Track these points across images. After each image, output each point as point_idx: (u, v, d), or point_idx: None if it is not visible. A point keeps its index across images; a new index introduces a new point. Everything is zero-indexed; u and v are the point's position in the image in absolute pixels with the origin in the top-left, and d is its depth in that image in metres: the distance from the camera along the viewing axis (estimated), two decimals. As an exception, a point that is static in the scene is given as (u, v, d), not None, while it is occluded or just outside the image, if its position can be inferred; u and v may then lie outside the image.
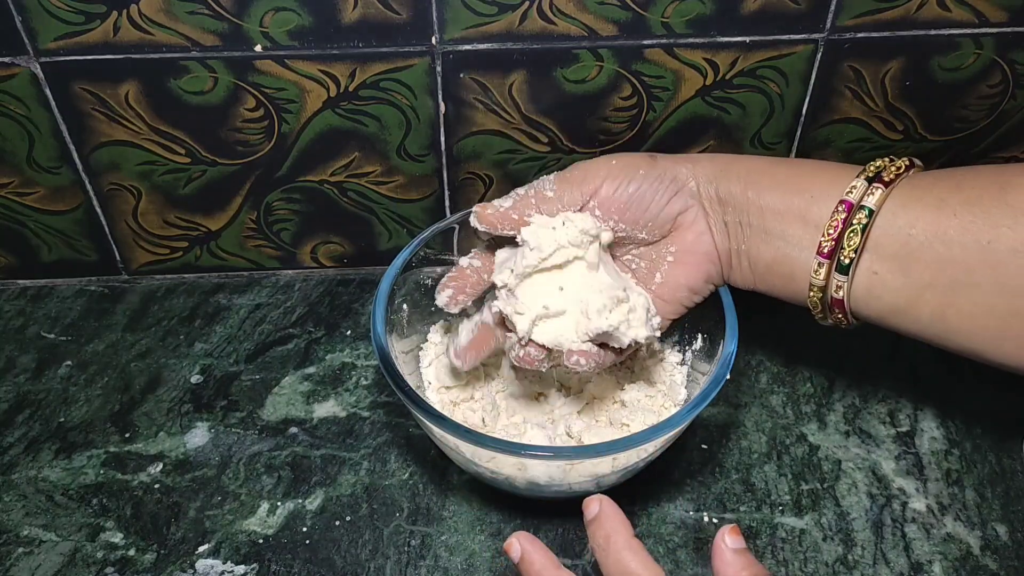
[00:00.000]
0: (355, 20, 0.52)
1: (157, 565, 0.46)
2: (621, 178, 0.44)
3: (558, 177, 0.45)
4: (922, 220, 0.39)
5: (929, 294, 0.40)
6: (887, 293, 0.41)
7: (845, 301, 0.42)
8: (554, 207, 0.44)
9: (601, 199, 0.44)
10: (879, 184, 0.40)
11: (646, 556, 0.36)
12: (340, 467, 0.51)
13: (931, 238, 0.39)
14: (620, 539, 0.37)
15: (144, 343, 0.59)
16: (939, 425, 0.53)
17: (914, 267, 0.40)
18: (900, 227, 0.40)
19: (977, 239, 0.38)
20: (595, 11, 0.52)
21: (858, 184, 0.41)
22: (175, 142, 0.57)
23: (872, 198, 0.40)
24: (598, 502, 0.38)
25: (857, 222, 0.40)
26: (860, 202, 0.40)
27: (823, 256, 0.41)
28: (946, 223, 0.39)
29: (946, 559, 0.46)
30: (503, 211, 0.45)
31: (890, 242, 0.40)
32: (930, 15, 0.53)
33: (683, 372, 0.53)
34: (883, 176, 0.41)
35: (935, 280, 0.39)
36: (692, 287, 0.46)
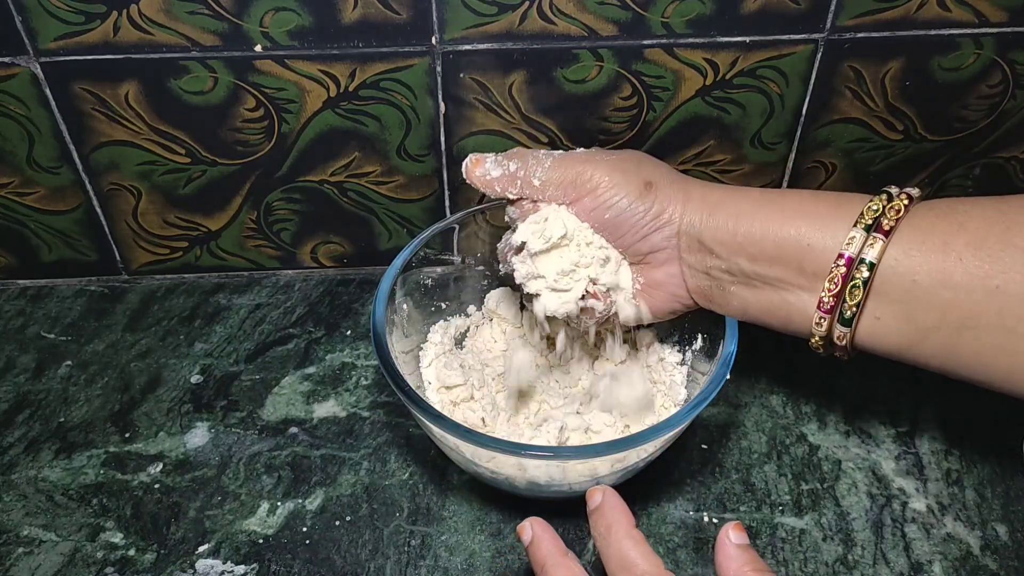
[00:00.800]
0: (355, 20, 0.52)
1: (157, 565, 0.46)
2: (605, 198, 0.44)
3: (553, 165, 0.45)
4: (926, 266, 0.38)
5: (934, 336, 0.39)
6: (890, 336, 0.40)
7: (848, 345, 0.42)
8: (536, 195, 0.45)
9: (581, 208, 0.45)
10: (879, 234, 0.39)
11: (646, 547, 0.37)
12: (340, 467, 0.51)
13: (936, 284, 0.38)
14: (621, 529, 0.37)
15: (144, 343, 0.60)
16: (939, 425, 0.53)
17: (918, 312, 0.39)
18: (903, 275, 0.39)
19: (984, 284, 0.37)
20: (595, 11, 0.52)
21: (856, 236, 0.39)
22: (175, 142, 0.57)
23: (872, 251, 0.39)
24: (601, 492, 0.39)
25: (859, 276, 0.39)
26: (860, 255, 0.39)
27: (824, 312, 0.41)
28: (951, 268, 0.38)
29: (946, 559, 0.46)
30: (488, 180, 0.45)
31: (893, 289, 0.39)
32: (930, 15, 0.53)
33: (683, 372, 0.53)
34: (882, 224, 0.39)
35: (940, 324, 0.39)
36: (657, 314, 0.48)
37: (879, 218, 0.40)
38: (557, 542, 0.38)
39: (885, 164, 0.60)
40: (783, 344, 0.58)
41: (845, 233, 0.40)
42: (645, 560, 0.36)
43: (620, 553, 0.37)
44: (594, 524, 0.38)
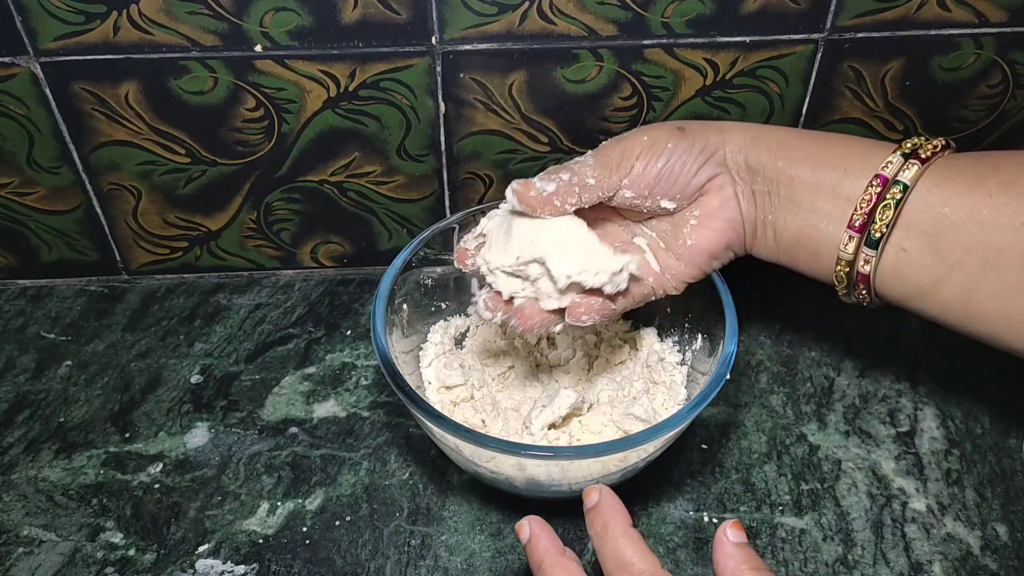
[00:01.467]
0: (355, 20, 0.52)
1: (157, 565, 0.46)
2: (651, 154, 0.43)
3: (597, 161, 0.44)
4: (956, 199, 0.39)
5: (956, 274, 0.40)
6: (914, 272, 0.41)
7: (871, 277, 0.42)
8: (595, 194, 0.43)
9: (632, 178, 0.44)
10: (915, 160, 0.40)
11: (643, 545, 0.37)
12: (340, 467, 0.51)
13: (964, 218, 0.39)
14: (618, 528, 0.37)
15: (144, 343, 0.60)
16: (939, 425, 0.53)
17: (944, 246, 0.40)
18: (933, 204, 0.40)
19: (1011, 220, 0.38)
20: (595, 11, 0.52)
21: (894, 159, 0.40)
22: (175, 142, 0.57)
23: (908, 173, 0.40)
24: (598, 491, 0.39)
25: (891, 197, 0.40)
26: (895, 177, 0.40)
27: (854, 230, 0.41)
28: (980, 203, 0.39)
29: (946, 559, 0.46)
30: (546, 196, 0.42)
31: (922, 219, 0.40)
32: (930, 15, 0.53)
33: (683, 372, 0.53)
34: (919, 153, 0.40)
35: (964, 260, 0.39)
36: (712, 252, 0.46)
37: (917, 149, 0.40)
38: (555, 540, 0.38)
39: (885, 164, 0.60)
40: (783, 344, 0.59)
41: (883, 158, 0.41)
42: (642, 559, 0.36)
43: (616, 552, 0.37)
44: (591, 523, 0.38)
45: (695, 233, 0.45)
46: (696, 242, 0.45)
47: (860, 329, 0.60)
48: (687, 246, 0.46)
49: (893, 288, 0.42)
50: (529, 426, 0.48)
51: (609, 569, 0.37)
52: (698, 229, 0.45)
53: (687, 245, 0.46)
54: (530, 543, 0.39)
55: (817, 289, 0.63)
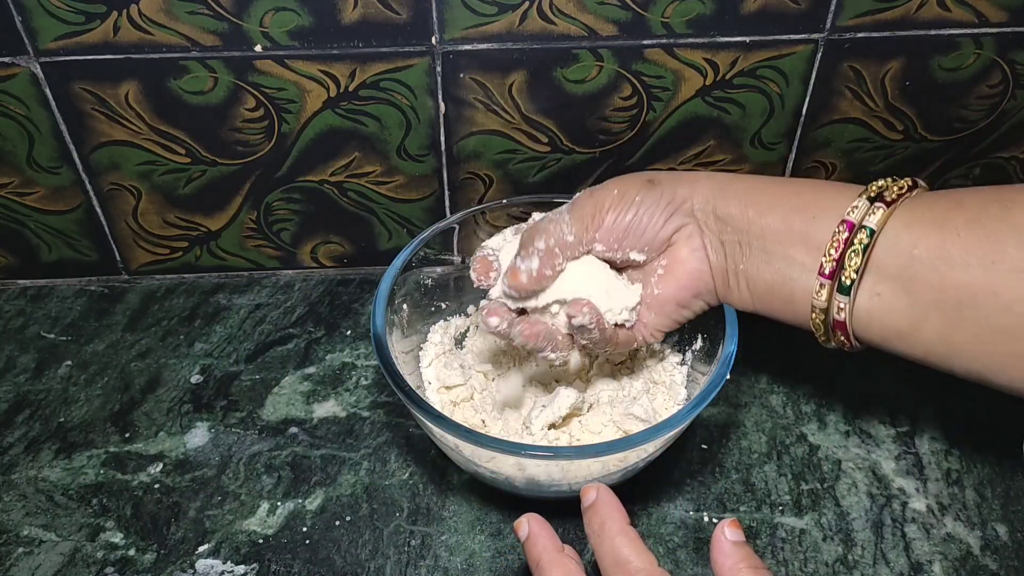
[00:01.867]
0: (355, 20, 0.52)
1: (157, 565, 0.46)
2: (620, 207, 0.44)
3: (573, 217, 0.44)
4: (925, 240, 0.39)
5: (933, 315, 0.39)
6: (890, 315, 0.40)
7: (847, 323, 0.41)
8: (577, 250, 0.44)
9: (603, 232, 0.44)
10: (881, 204, 0.40)
11: (640, 544, 0.37)
12: (340, 467, 0.51)
13: (934, 258, 0.38)
14: (615, 526, 0.37)
15: (144, 343, 0.60)
16: (939, 425, 0.53)
17: (917, 288, 0.39)
18: (902, 248, 0.39)
19: (982, 260, 0.37)
20: (595, 11, 0.52)
21: (860, 204, 0.40)
22: (175, 142, 0.57)
23: (874, 218, 0.40)
24: (595, 490, 0.39)
25: (859, 242, 0.40)
26: (861, 222, 0.40)
27: (825, 277, 0.41)
28: (949, 243, 0.38)
29: (946, 559, 0.46)
30: (537, 274, 0.43)
31: (892, 263, 0.40)
32: (930, 15, 0.53)
33: (683, 372, 0.53)
34: (885, 196, 0.40)
35: (939, 301, 0.39)
36: (680, 301, 0.46)
37: (883, 192, 0.40)
38: (553, 538, 0.38)
39: (885, 164, 0.60)
40: (783, 344, 0.58)
41: (849, 202, 0.41)
42: (639, 557, 0.36)
43: (614, 550, 0.37)
44: (588, 521, 0.38)
45: (662, 282, 0.46)
46: (663, 291, 0.45)
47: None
48: (655, 295, 0.46)
49: (871, 332, 0.42)
50: (529, 426, 0.48)
51: (606, 567, 0.37)
52: (665, 278, 0.46)
53: (655, 295, 0.46)
54: (528, 541, 0.39)
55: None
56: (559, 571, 0.37)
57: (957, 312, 0.39)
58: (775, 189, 0.43)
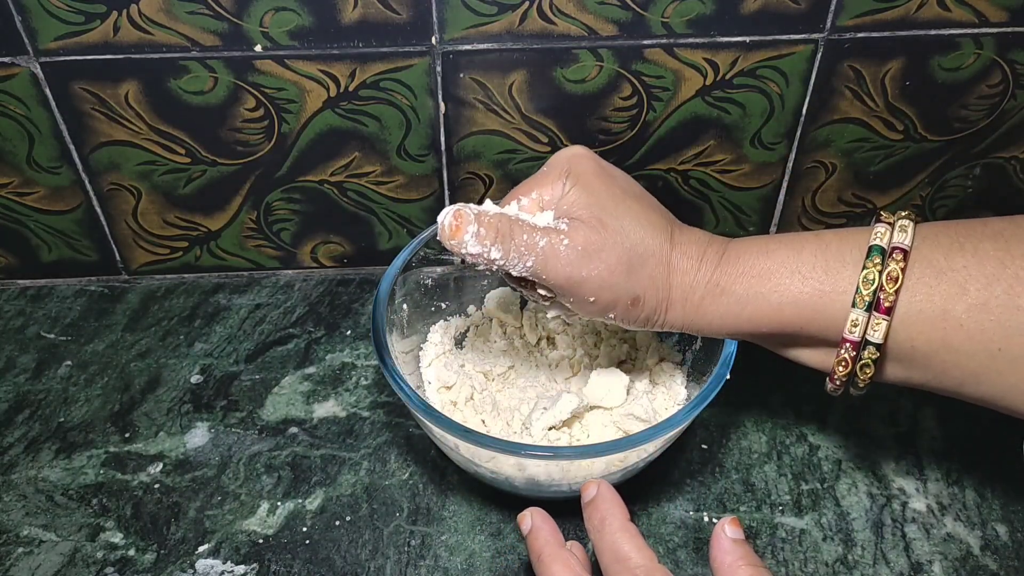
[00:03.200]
0: (355, 20, 0.52)
1: (157, 565, 0.46)
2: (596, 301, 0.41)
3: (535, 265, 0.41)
4: (925, 334, 0.38)
5: (934, 386, 0.40)
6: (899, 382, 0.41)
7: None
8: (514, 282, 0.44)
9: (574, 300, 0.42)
10: (880, 314, 0.38)
11: (640, 540, 0.37)
12: (340, 467, 0.51)
13: (936, 349, 0.38)
14: (616, 522, 0.37)
15: (144, 343, 0.59)
16: (939, 425, 0.53)
17: (917, 371, 0.40)
18: (902, 341, 0.39)
19: (986, 348, 0.37)
20: (595, 11, 0.52)
21: (858, 318, 0.38)
22: (175, 142, 0.57)
23: (878, 333, 0.38)
24: (596, 486, 0.39)
25: (868, 355, 0.39)
26: (864, 337, 0.39)
27: (836, 383, 0.41)
28: (951, 334, 0.37)
29: (946, 559, 0.46)
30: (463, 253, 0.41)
31: (893, 350, 0.39)
32: (930, 15, 0.53)
33: (683, 372, 0.53)
34: (881, 302, 0.38)
35: (939, 378, 0.39)
36: None
37: (877, 292, 0.38)
38: (556, 533, 0.38)
39: (885, 164, 0.60)
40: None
41: (845, 316, 0.39)
42: (639, 553, 0.36)
43: (614, 546, 0.37)
44: (588, 517, 0.38)
45: None
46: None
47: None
48: None
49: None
50: (529, 427, 0.48)
51: (606, 563, 0.37)
52: None
53: None
54: (531, 535, 0.39)
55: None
56: (559, 565, 0.37)
57: (961, 386, 0.39)
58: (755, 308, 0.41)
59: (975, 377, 0.38)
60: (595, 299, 0.41)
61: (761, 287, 0.41)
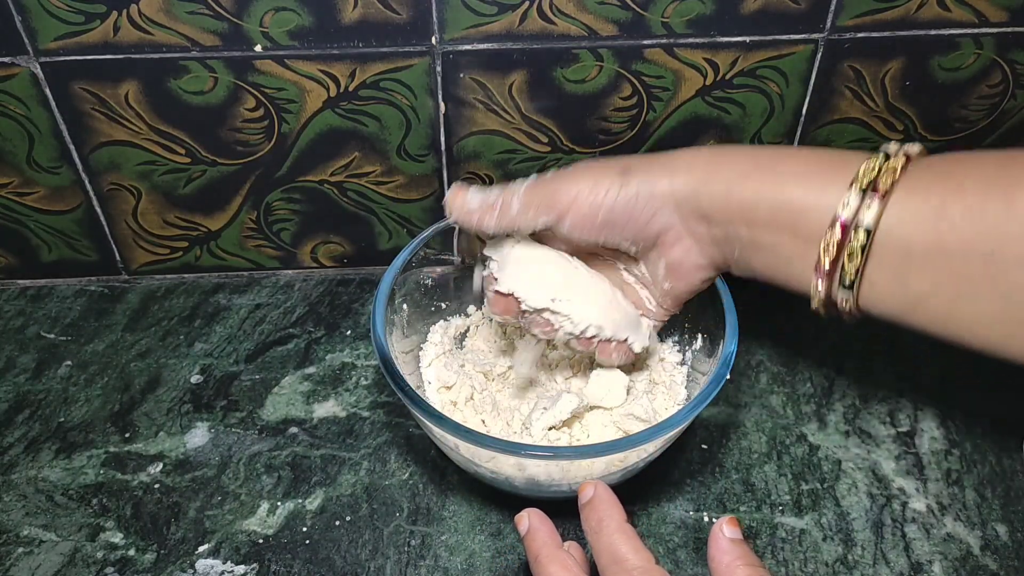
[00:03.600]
0: (355, 20, 0.52)
1: (157, 565, 0.46)
2: (589, 203, 0.43)
3: (527, 192, 0.43)
4: (919, 232, 0.37)
5: (930, 302, 0.38)
6: (887, 301, 0.40)
7: (852, 311, 0.41)
8: (515, 224, 0.44)
9: (572, 221, 0.43)
10: (875, 196, 0.38)
11: (637, 541, 0.37)
12: (340, 467, 0.51)
13: (930, 250, 0.37)
14: (612, 523, 0.37)
15: (144, 343, 0.60)
16: (939, 425, 0.53)
17: (912, 278, 0.38)
18: (897, 240, 0.38)
19: (980, 250, 0.36)
20: (595, 11, 0.52)
21: (851, 199, 0.38)
22: (175, 142, 0.57)
23: (869, 214, 0.37)
24: (593, 487, 0.39)
25: (856, 241, 0.38)
26: (855, 220, 0.38)
27: (821, 275, 0.40)
28: (946, 234, 0.37)
29: (946, 559, 0.46)
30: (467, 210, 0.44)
31: (886, 253, 0.38)
32: (930, 15, 0.53)
33: (683, 372, 0.53)
34: (878, 186, 0.38)
35: (935, 290, 0.38)
36: (689, 291, 0.47)
37: (876, 179, 0.38)
38: (553, 534, 0.38)
39: (885, 164, 0.60)
40: (783, 344, 0.59)
41: (839, 196, 0.38)
42: (636, 555, 0.36)
43: (611, 547, 0.37)
44: (585, 518, 0.38)
45: (669, 277, 0.46)
46: (672, 287, 0.46)
47: (860, 329, 0.60)
48: (664, 289, 0.47)
49: (873, 312, 0.41)
50: (529, 427, 0.48)
51: (604, 564, 0.37)
52: (670, 275, 0.46)
53: (664, 288, 0.47)
54: (528, 535, 0.39)
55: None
56: (556, 566, 0.37)
57: (954, 300, 0.38)
58: (759, 177, 0.41)
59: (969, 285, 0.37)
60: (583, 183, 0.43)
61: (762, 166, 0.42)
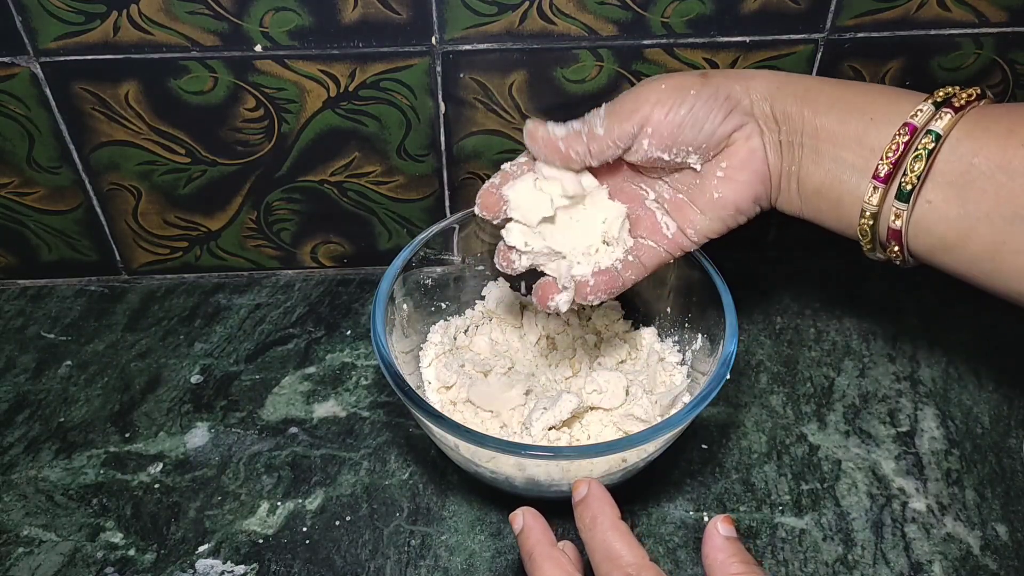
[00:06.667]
0: (355, 20, 0.52)
1: (157, 565, 0.46)
2: (672, 102, 0.42)
3: (608, 111, 0.43)
4: (987, 148, 0.38)
5: (984, 227, 0.38)
6: (940, 224, 0.39)
7: (903, 232, 0.40)
8: (604, 144, 0.43)
9: (654, 127, 0.42)
10: (948, 108, 0.38)
11: (631, 538, 0.37)
12: (340, 467, 0.51)
13: (994, 168, 0.37)
14: (607, 521, 0.37)
15: (144, 343, 0.60)
16: (939, 425, 0.53)
17: (972, 197, 0.38)
18: (963, 155, 0.38)
19: None
20: (595, 11, 0.52)
21: (924, 108, 0.39)
22: (175, 142, 0.57)
23: (940, 122, 0.38)
24: (586, 484, 0.39)
25: (923, 147, 0.38)
26: (927, 126, 0.38)
27: (879, 180, 0.39)
28: (1012, 153, 0.37)
29: (946, 559, 0.46)
30: (552, 139, 0.43)
31: (949, 170, 0.38)
32: (930, 15, 0.53)
33: (683, 372, 0.53)
34: (953, 102, 0.38)
35: (992, 212, 0.38)
36: (739, 206, 0.44)
37: (951, 98, 0.39)
38: (547, 532, 0.38)
39: (885, 164, 0.60)
40: (783, 344, 0.59)
41: (913, 106, 0.39)
42: (630, 551, 0.36)
43: (605, 544, 0.37)
44: (579, 516, 0.38)
45: (722, 185, 0.44)
46: (723, 195, 0.44)
47: (860, 329, 0.60)
48: (714, 199, 0.44)
49: (918, 242, 0.40)
50: (529, 427, 0.48)
51: (597, 561, 0.37)
52: (725, 181, 0.44)
53: (714, 198, 0.44)
54: (522, 534, 0.39)
55: (817, 289, 0.63)
56: (550, 564, 0.37)
57: (1010, 224, 0.37)
58: (833, 90, 0.42)
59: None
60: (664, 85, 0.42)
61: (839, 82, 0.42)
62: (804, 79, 0.43)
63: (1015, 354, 0.58)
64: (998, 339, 0.59)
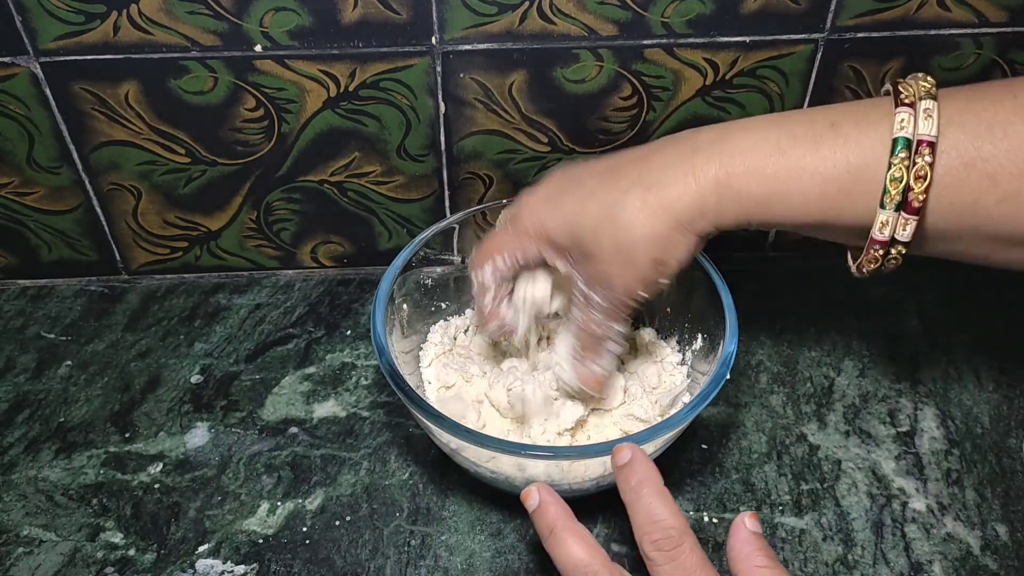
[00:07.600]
0: (355, 20, 0.52)
1: (157, 565, 0.46)
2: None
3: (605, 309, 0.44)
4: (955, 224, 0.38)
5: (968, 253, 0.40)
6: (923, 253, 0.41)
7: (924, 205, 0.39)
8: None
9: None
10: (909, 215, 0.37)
11: (675, 505, 0.37)
12: (340, 467, 0.51)
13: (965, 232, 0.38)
14: (653, 486, 0.38)
15: (144, 343, 0.59)
16: (939, 425, 0.53)
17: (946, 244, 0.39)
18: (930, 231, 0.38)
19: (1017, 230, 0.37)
20: (595, 11, 0.52)
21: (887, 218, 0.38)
22: (175, 142, 0.57)
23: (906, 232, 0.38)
24: (630, 450, 0.39)
25: (896, 252, 0.39)
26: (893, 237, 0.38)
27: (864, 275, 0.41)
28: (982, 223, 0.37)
29: (946, 559, 0.46)
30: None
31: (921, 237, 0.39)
32: (930, 15, 0.53)
33: (683, 372, 0.53)
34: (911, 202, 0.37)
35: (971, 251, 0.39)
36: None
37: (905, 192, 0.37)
38: (565, 507, 0.38)
39: (885, 164, 0.60)
40: (783, 344, 0.59)
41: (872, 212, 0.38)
42: (673, 517, 0.37)
43: (650, 508, 0.37)
44: (624, 479, 0.38)
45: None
46: None
47: (860, 329, 0.60)
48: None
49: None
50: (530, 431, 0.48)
51: (639, 523, 0.37)
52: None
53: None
54: (539, 510, 0.38)
55: (817, 289, 0.63)
56: (574, 539, 0.37)
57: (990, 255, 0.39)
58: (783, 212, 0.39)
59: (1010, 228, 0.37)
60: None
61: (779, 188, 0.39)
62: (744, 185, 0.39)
63: (1015, 354, 0.58)
64: (998, 339, 0.59)
